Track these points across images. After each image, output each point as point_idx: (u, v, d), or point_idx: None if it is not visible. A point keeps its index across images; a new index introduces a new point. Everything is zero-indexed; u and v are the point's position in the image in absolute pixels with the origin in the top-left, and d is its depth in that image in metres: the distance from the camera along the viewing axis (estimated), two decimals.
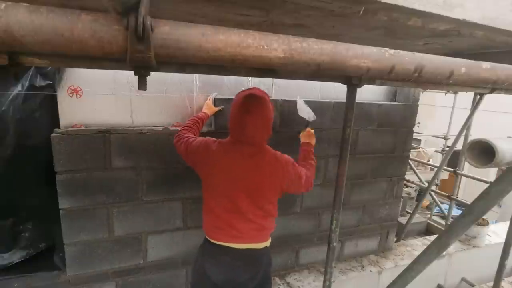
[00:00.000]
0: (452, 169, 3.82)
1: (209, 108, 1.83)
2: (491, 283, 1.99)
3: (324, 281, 1.34)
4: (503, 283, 2.46)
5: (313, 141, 1.77)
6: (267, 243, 1.54)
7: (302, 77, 1.15)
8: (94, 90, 1.69)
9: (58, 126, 1.65)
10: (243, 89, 1.46)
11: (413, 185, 5.39)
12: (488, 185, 1.23)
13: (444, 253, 2.12)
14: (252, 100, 1.36)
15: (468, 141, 1.52)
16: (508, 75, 1.06)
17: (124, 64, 0.66)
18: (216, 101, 1.90)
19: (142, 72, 0.73)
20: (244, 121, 1.36)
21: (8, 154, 1.73)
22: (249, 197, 1.42)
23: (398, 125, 2.49)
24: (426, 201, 7.01)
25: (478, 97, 2.87)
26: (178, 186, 1.90)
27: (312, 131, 1.81)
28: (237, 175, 1.40)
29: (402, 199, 3.12)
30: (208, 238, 1.49)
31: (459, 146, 3.31)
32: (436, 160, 6.49)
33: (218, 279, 1.45)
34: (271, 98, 2.10)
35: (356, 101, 1.14)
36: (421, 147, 6.36)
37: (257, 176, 1.42)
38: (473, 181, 3.64)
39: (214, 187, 1.45)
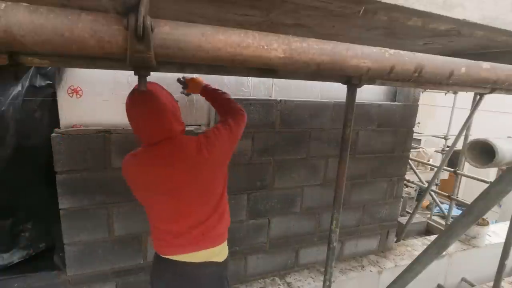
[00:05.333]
0: (452, 169, 3.82)
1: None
2: (491, 283, 1.99)
3: (324, 281, 1.34)
4: (503, 283, 2.47)
5: (203, 82, 1.58)
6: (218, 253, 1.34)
7: (302, 77, 1.15)
8: (94, 90, 1.69)
9: (58, 126, 1.65)
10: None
11: (413, 185, 5.40)
12: (488, 185, 1.23)
13: (444, 253, 2.12)
14: (135, 95, 1.16)
15: (468, 141, 1.52)
16: (508, 75, 1.06)
17: (124, 64, 0.66)
18: None
19: (142, 72, 0.73)
20: (136, 119, 1.18)
21: (8, 154, 1.74)
22: (191, 200, 1.25)
23: (398, 125, 2.49)
24: (426, 201, 7.01)
25: (478, 97, 2.87)
26: None
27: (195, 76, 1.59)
28: (162, 190, 1.23)
29: (402, 199, 3.12)
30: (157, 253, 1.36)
31: (459, 146, 3.31)
32: (436, 160, 6.49)
33: None
34: (271, 98, 2.13)
35: (356, 101, 1.14)
36: (421, 147, 6.36)
37: (180, 177, 1.22)
38: (473, 181, 3.64)
39: (153, 212, 1.31)
